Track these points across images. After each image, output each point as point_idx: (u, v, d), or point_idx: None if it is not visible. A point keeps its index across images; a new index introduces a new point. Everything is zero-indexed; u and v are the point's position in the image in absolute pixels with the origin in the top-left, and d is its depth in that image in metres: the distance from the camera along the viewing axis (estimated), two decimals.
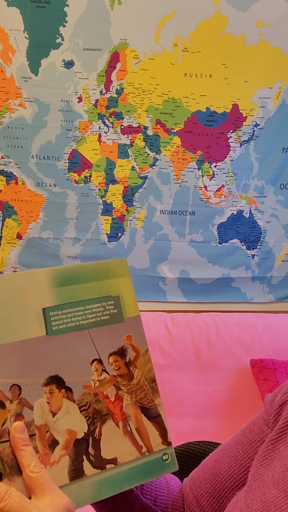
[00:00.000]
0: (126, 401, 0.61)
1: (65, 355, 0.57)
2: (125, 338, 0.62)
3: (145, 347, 0.64)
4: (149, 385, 0.63)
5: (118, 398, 0.60)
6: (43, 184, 1.92)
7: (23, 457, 0.52)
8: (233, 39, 1.87)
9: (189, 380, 1.90)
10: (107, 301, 0.62)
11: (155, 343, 1.92)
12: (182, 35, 1.86)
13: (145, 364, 0.63)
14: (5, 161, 1.89)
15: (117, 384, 0.61)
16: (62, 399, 0.56)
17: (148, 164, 1.95)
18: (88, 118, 1.89)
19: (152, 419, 0.62)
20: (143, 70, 1.88)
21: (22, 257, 1.98)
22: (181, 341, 1.92)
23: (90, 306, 0.61)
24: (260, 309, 2.11)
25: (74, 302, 0.59)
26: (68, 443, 0.56)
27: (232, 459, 0.70)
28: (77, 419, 0.57)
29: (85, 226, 1.98)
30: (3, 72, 1.82)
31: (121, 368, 0.61)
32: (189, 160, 1.96)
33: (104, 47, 1.84)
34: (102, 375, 0.60)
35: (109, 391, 0.60)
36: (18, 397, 0.54)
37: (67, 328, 0.58)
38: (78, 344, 0.59)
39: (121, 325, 0.62)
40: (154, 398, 0.63)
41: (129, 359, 0.62)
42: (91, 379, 0.59)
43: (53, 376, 0.56)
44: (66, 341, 0.58)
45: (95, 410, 0.58)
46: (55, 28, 1.81)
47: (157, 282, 2.06)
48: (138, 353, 0.63)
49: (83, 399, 0.58)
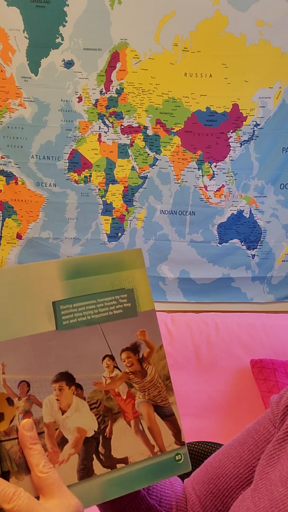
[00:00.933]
0: (138, 399, 0.59)
1: (75, 351, 0.55)
2: (139, 334, 0.60)
3: (160, 342, 0.61)
4: (163, 382, 0.61)
5: (130, 396, 0.58)
6: (43, 184, 1.92)
7: (32, 456, 0.50)
8: (233, 39, 1.87)
9: (189, 380, 1.90)
10: (121, 294, 0.59)
11: None
12: (182, 35, 1.86)
13: (159, 360, 0.60)
14: (5, 161, 1.89)
15: (130, 382, 0.58)
16: (72, 396, 0.54)
17: (148, 164, 1.95)
18: (88, 118, 1.89)
19: (166, 418, 0.60)
20: (143, 70, 1.88)
21: (22, 257, 1.98)
22: (181, 341, 1.92)
23: (102, 299, 0.58)
24: (260, 309, 2.11)
25: (86, 296, 0.57)
26: (78, 441, 0.54)
27: (237, 459, 0.70)
28: (87, 417, 0.55)
29: (85, 226, 1.98)
30: (3, 72, 1.82)
31: (134, 364, 0.59)
32: (189, 160, 1.96)
33: (104, 47, 1.84)
34: (113, 371, 0.57)
35: (121, 389, 0.58)
36: (26, 393, 0.53)
37: (78, 323, 0.56)
38: (89, 339, 0.56)
39: (135, 319, 0.60)
40: (168, 396, 0.61)
41: (142, 355, 0.60)
42: (102, 376, 0.57)
43: (63, 373, 0.54)
44: (77, 336, 0.56)
45: (106, 408, 0.56)
46: (55, 28, 1.81)
47: (157, 282, 2.06)
48: (152, 349, 0.60)
49: (94, 396, 0.56)
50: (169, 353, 1.92)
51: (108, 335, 0.57)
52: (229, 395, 1.91)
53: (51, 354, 0.54)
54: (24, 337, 0.53)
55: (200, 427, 1.85)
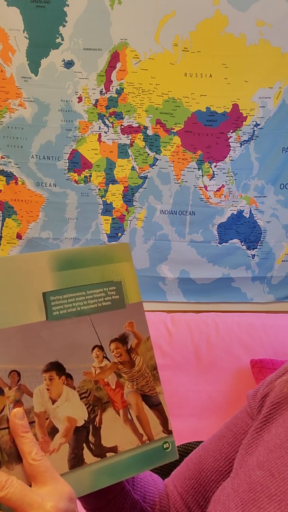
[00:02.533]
0: (127, 389, 0.60)
1: (65, 341, 0.56)
2: (127, 325, 0.61)
3: (147, 334, 0.63)
4: (150, 372, 0.62)
5: (119, 386, 0.59)
6: (43, 184, 1.92)
7: (24, 444, 0.50)
8: (233, 39, 1.87)
9: (189, 380, 1.90)
10: (109, 287, 0.60)
11: (155, 343, 1.91)
12: (182, 35, 1.86)
13: (147, 351, 0.63)
14: (5, 161, 1.89)
15: (118, 372, 0.60)
16: (62, 386, 0.55)
17: (148, 164, 1.95)
18: (88, 118, 1.89)
19: (153, 407, 0.62)
20: (143, 70, 1.88)
21: None
22: (181, 341, 1.92)
23: (92, 291, 0.59)
24: (260, 309, 2.11)
25: (75, 287, 0.58)
26: (68, 430, 0.55)
27: (217, 452, 0.71)
28: (77, 406, 0.56)
29: (85, 226, 1.98)
30: (3, 72, 1.82)
31: (122, 355, 0.60)
32: (189, 160, 1.96)
33: (104, 47, 1.84)
34: (103, 362, 0.58)
35: (110, 378, 0.59)
36: (17, 383, 0.53)
37: (67, 314, 0.57)
38: (79, 330, 0.57)
39: (123, 311, 0.61)
40: (156, 386, 0.62)
41: (130, 346, 0.61)
42: (92, 366, 0.58)
43: (53, 362, 0.55)
44: (67, 326, 0.56)
45: (96, 397, 0.57)
46: (55, 28, 1.81)
47: (157, 282, 2.06)
48: (140, 340, 0.62)
49: (84, 386, 0.57)
50: (169, 353, 1.92)
51: (97, 326, 0.58)
52: (229, 395, 1.91)
53: (41, 344, 0.55)
54: (15, 327, 0.53)
55: (200, 427, 1.85)
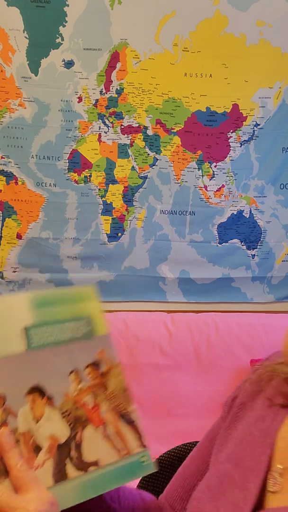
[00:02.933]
0: (103, 408, 0.66)
1: (45, 367, 0.63)
2: (99, 352, 0.68)
3: (117, 360, 0.69)
4: (122, 394, 0.68)
5: (95, 406, 0.65)
6: (43, 184, 1.92)
7: (10, 459, 0.55)
8: (233, 39, 1.87)
9: (189, 380, 1.90)
10: (80, 321, 0.69)
11: (155, 343, 1.92)
12: (182, 35, 1.86)
13: (118, 375, 0.69)
14: (5, 161, 1.89)
15: (94, 393, 0.66)
16: (44, 407, 0.61)
17: (148, 164, 1.95)
18: (88, 118, 1.89)
19: (128, 424, 0.67)
20: (143, 70, 1.87)
21: (22, 257, 1.98)
22: (181, 341, 1.92)
23: (66, 324, 0.67)
24: (260, 309, 2.11)
25: (51, 321, 0.66)
26: (51, 447, 0.60)
27: (197, 458, 0.77)
28: (59, 425, 0.61)
29: (85, 226, 1.98)
30: (3, 72, 1.82)
31: (96, 378, 0.67)
32: (189, 160, 1.96)
33: (104, 47, 1.84)
34: (80, 384, 0.65)
35: (87, 399, 0.65)
36: (3, 405, 0.58)
37: (46, 344, 0.64)
38: (57, 357, 0.65)
39: (94, 341, 0.69)
40: (128, 405, 0.68)
41: (103, 370, 0.68)
42: (70, 388, 0.64)
43: (35, 386, 0.61)
44: (46, 355, 0.64)
45: (76, 416, 0.63)
46: (55, 28, 1.81)
47: (157, 282, 2.06)
48: (111, 366, 0.69)
49: (64, 406, 0.62)
50: (169, 353, 1.92)
51: (73, 353, 0.66)
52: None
53: (24, 370, 0.62)
54: (1, 358, 0.61)
55: (200, 427, 1.85)
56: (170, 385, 1.90)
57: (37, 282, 2.00)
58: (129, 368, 1.89)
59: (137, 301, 2.06)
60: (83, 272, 2.02)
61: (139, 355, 1.90)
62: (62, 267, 2.00)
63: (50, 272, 2.00)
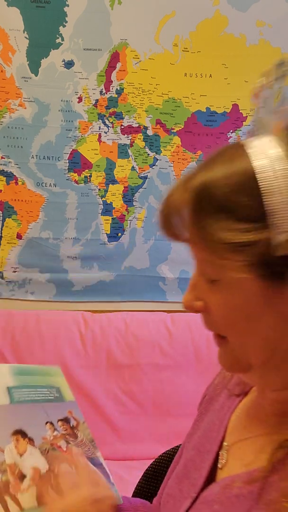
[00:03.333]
0: (75, 451, 0.77)
1: (25, 416, 0.77)
2: (68, 412, 0.82)
3: (82, 419, 0.83)
4: (90, 443, 0.81)
5: (69, 449, 0.77)
6: (43, 184, 1.92)
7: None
8: (233, 39, 1.87)
9: (189, 380, 1.90)
10: (51, 388, 0.84)
11: (155, 343, 1.91)
12: (182, 35, 1.86)
13: (85, 430, 0.82)
14: (5, 161, 1.89)
15: (66, 440, 0.78)
16: (27, 445, 0.73)
17: (148, 164, 1.95)
18: (88, 118, 1.89)
19: (96, 466, 0.78)
20: (143, 70, 1.88)
21: (22, 257, 1.98)
22: (181, 341, 1.92)
23: (40, 389, 0.83)
24: None
25: (29, 385, 0.82)
26: (34, 476, 0.70)
27: (177, 457, 0.81)
28: (39, 459, 0.72)
29: (85, 226, 1.98)
30: (3, 72, 1.82)
31: (68, 429, 0.80)
32: (189, 160, 1.96)
33: (104, 47, 1.84)
34: (54, 432, 0.78)
35: (62, 443, 0.77)
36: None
37: (25, 400, 0.79)
38: (35, 410, 0.79)
39: (63, 404, 0.83)
40: (95, 452, 0.80)
41: (72, 425, 0.81)
42: (47, 434, 0.77)
43: (18, 429, 0.74)
44: (26, 408, 0.79)
45: (52, 455, 0.74)
46: (55, 28, 1.81)
47: (157, 282, 2.06)
48: (79, 423, 0.82)
49: (42, 446, 0.74)
50: (169, 353, 1.92)
51: (48, 410, 0.80)
52: None
53: (9, 418, 0.75)
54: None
55: None
56: (170, 385, 1.90)
57: (37, 282, 2.00)
58: (129, 368, 1.89)
59: (137, 301, 2.06)
60: (83, 272, 2.02)
61: (139, 355, 1.90)
62: (62, 267, 2.00)
63: (50, 272, 2.00)
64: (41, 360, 1.86)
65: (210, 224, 0.50)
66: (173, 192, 0.55)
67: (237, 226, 0.48)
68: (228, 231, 0.49)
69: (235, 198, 0.49)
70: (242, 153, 0.51)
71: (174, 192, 0.55)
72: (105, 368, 1.89)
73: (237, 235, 0.49)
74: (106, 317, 1.96)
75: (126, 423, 1.87)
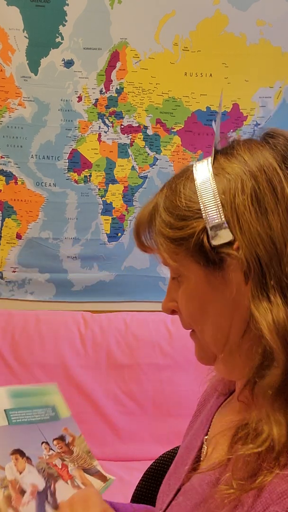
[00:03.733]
0: (70, 467, 0.82)
1: (23, 437, 0.82)
2: (63, 429, 0.87)
3: (79, 433, 0.88)
4: (86, 455, 0.86)
5: (64, 466, 0.82)
6: (43, 184, 1.92)
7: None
8: (233, 39, 1.87)
9: (189, 380, 1.90)
10: (47, 408, 0.89)
11: (155, 343, 1.91)
12: (182, 35, 1.85)
13: (81, 443, 0.87)
14: (4, 160, 1.89)
15: (61, 457, 0.83)
16: (25, 464, 0.78)
17: (148, 163, 1.95)
18: (88, 117, 1.89)
19: (94, 474, 0.84)
20: (143, 69, 1.87)
21: (22, 257, 1.97)
22: (181, 341, 1.92)
23: (36, 410, 0.88)
24: None
25: (25, 407, 0.87)
26: (33, 492, 0.76)
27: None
28: (37, 477, 0.78)
29: (85, 226, 1.98)
30: (2, 72, 1.82)
31: (63, 447, 0.85)
32: (190, 159, 1.96)
33: (104, 46, 1.84)
34: (49, 452, 0.83)
35: (57, 462, 0.82)
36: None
37: (22, 422, 0.85)
38: (31, 432, 0.84)
39: (59, 422, 0.89)
40: (92, 462, 0.85)
41: (68, 441, 0.86)
42: (43, 454, 0.82)
43: (16, 449, 0.80)
44: (23, 429, 0.84)
45: (49, 473, 0.80)
46: (55, 27, 1.80)
47: (157, 282, 2.06)
48: (74, 438, 0.87)
49: (39, 465, 0.80)
50: (169, 353, 1.91)
51: (43, 430, 0.85)
52: None
53: (7, 438, 0.81)
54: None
55: None
56: (170, 385, 1.90)
57: (37, 282, 2.00)
58: (129, 368, 1.89)
59: (137, 301, 2.06)
60: (83, 272, 2.01)
61: (139, 355, 1.90)
62: (62, 267, 2.00)
63: (50, 272, 2.00)
64: (41, 360, 1.86)
65: (158, 226, 0.64)
66: (140, 211, 0.72)
67: (177, 224, 0.61)
68: (170, 229, 0.61)
69: (177, 203, 0.62)
70: (190, 173, 0.67)
71: (141, 211, 0.71)
72: (105, 368, 1.89)
73: (177, 231, 0.61)
74: (106, 317, 1.95)
75: (126, 423, 1.87)
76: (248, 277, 0.55)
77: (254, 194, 0.55)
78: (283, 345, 0.52)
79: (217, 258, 0.58)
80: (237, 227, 0.56)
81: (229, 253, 0.56)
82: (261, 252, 0.54)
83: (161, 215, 0.63)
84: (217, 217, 0.57)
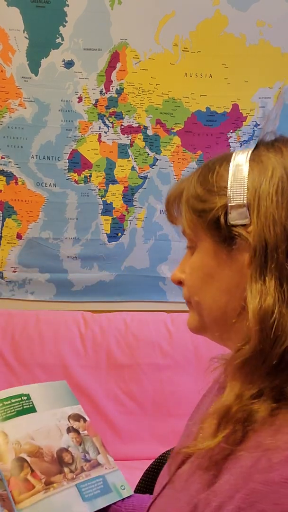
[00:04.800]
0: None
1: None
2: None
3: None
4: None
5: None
6: (43, 184, 1.92)
7: None
8: (233, 39, 1.87)
9: (189, 380, 1.90)
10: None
11: (155, 343, 1.91)
12: (182, 35, 1.86)
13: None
14: (5, 161, 1.89)
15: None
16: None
17: (148, 164, 1.95)
18: (88, 118, 1.89)
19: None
20: (143, 70, 1.88)
21: (22, 257, 1.98)
22: (181, 341, 1.92)
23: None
24: None
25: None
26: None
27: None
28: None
29: (85, 226, 1.98)
30: (3, 72, 1.82)
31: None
32: (189, 160, 1.96)
33: (104, 47, 1.84)
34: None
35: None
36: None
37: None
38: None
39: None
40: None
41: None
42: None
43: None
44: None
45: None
46: (55, 28, 1.81)
47: (157, 282, 2.06)
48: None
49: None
50: (169, 353, 1.91)
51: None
52: None
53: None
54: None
55: None
56: (170, 385, 1.90)
57: (37, 282, 2.00)
58: (129, 368, 1.89)
59: (137, 301, 2.06)
60: (83, 272, 2.02)
61: (139, 355, 1.90)
62: (62, 267, 2.00)
63: (50, 272, 2.00)
64: (41, 360, 1.86)
65: (186, 195, 0.66)
66: (176, 183, 0.72)
67: (203, 197, 0.63)
68: (195, 200, 0.64)
69: (208, 178, 0.64)
70: (230, 155, 0.66)
71: (177, 183, 0.71)
72: (105, 368, 1.89)
73: (200, 203, 0.64)
74: (106, 317, 1.95)
75: (126, 423, 1.87)
76: (252, 260, 0.58)
77: (280, 184, 0.58)
78: (260, 330, 0.55)
79: (229, 237, 0.60)
80: (256, 211, 0.58)
81: (241, 234, 0.59)
82: (271, 239, 0.56)
83: (193, 186, 0.66)
84: (240, 198, 0.59)
